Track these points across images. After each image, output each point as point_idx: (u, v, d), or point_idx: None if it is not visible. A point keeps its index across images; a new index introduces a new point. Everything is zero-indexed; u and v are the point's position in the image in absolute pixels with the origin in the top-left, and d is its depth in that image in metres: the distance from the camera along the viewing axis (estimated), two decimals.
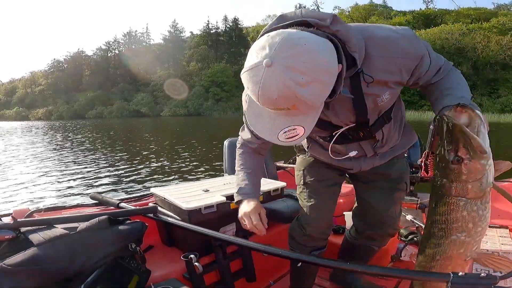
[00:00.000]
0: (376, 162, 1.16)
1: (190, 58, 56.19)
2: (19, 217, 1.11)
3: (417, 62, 0.88)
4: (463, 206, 0.71)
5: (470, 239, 0.74)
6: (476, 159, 0.67)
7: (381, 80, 0.87)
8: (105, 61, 65.91)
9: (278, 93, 0.64)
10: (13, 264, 0.84)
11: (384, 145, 1.10)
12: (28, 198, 4.95)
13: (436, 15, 50.26)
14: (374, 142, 1.08)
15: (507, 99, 31.08)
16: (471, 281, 0.65)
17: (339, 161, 1.15)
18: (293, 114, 0.72)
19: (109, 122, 36.72)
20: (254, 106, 0.77)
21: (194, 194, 1.47)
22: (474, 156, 0.67)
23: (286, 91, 0.64)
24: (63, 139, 14.67)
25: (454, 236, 0.73)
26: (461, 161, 0.68)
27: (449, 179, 0.70)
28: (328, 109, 0.93)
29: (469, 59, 35.51)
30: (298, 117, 0.72)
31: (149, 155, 8.96)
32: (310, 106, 0.69)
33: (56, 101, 64.22)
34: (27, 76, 77.94)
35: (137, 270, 1.12)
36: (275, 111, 0.71)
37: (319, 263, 0.92)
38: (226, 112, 43.94)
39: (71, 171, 6.86)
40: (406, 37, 0.85)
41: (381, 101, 0.93)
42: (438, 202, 0.73)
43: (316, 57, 0.65)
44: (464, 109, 0.69)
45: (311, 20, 0.76)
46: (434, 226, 0.75)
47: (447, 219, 0.72)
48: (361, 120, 0.96)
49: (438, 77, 0.94)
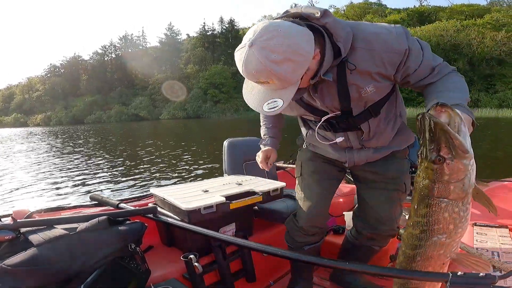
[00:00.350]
0: (369, 156, 1.17)
1: (187, 61, 56.14)
2: (19, 218, 1.12)
3: (401, 57, 0.91)
4: (445, 208, 0.70)
5: (450, 240, 0.73)
6: (458, 158, 0.66)
7: (364, 70, 0.93)
8: (102, 65, 65.77)
9: (255, 68, 0.78)
10: (13, 264, 0.85)
11: (371, 139, 1.12)
12: (28, 198, 4.94)
13: (430, 12, 50.41)
14: (360, 135, 1.11)
15: (504, 94, 31.11)
16: (470, 280, 0.65)
17: (332, 151, 1.20)
18: (273, 89, 0.84)
19: (108, 126, 36.65)
20: (248, 82, 0.90)
21: (194, 195, 1.47)
22: (456, 155, 0.65)
23: (261, 67, 0.77)
24: (63, 143, 14.63)
25: (435, 237, 0.72)
26: (443, 161, 0.66)
27: (431, 180, 0.69)
28: (316, 92, 1.00)
29: (465, 55, 35.56)
30: (278, 91, 0.84)
31: (149, 157, 8.95)
32: (285, 82, 0.81)
33: (54, 107, 64.05)
34: (24, 81, 77.79)
35: (137, 270, 1.12)
36: (260, 85, 0.85)
37: (319, 263, 0.92)
38: (225, 113, 43.89)
39: (71, 172, 6.85)
40: (393, 33, 0.91)
41: (364, 93, 0.97)
42: (420, 204, 0.72)
43: (288, 40, 0.77)
44: (444, 108, 0.68)
45: (303, 13, 0.88)
46: (415, 227, 0.74)
47: (428, 221, 0.71)
48: (344, 108, 1.02)
49: (433, 79, 0.95)
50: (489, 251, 1.17)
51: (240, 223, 1.58)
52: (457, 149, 0.65)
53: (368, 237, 1.34)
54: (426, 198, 0.70)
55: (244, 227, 1.60)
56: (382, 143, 1.15)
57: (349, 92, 0.97)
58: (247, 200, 1.48)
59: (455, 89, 0.90)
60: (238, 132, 14.03)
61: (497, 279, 0.65)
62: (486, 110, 27.21)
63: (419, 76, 0.95)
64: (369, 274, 1.49)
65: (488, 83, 33.77)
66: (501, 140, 10.66)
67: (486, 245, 1.22)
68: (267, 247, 0.99)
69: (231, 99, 46.41)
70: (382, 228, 1.28)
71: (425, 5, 56.01)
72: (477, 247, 1.21)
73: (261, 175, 1.91)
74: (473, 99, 31.14)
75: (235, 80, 47.51)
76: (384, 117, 1.09)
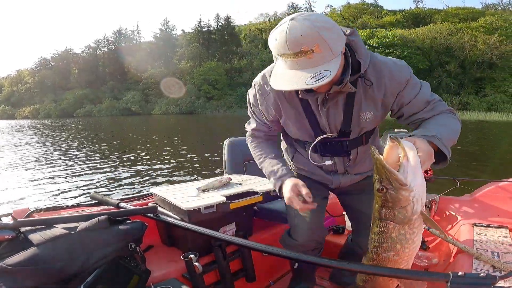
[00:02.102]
0: (353, 179, 1.23)
1: (181, 56, 55.62)
2: (19, 217, 1.10)
3: (401, 87, 0.97)
4: (392, 229, 0.76)
5: (398, 257, 0.79)
6: (398, 190, 0.71)
7: (369, 95, 0.99)
8: (94, 59, 64.65)
9: (302, 32, 0.77)
10: (13, 264, 0.83)
11: (355, 166, 1.19)
12: (28, 197, 4.84)
13: (425, 14, 50.99)
14: (347, 161, 1.16)
15: (493, 97, 31.65)
16: (470, 281, 0.67)
17: (319, 174, 1.22)
18: (316, 63, 0.80)
19: (100, 120, 36.07)
20: (277, 68, 0.88)
21: (194, 194, 1.46)
22: (395, 187, 0.71)
23: (309, 30, 0.78)
24: (60, 139, 14.32)
25: (385, 254, 0.79)
26: (385, 191, 0.72)
27: (380, 205, 0.75)
28: (324, 107, 1.02)
29: (457, 58, 36.07)
30: (321, 65, 0.81)
31: (149, 155, 8.82)
32: (330, 50, 0.80)
33: (43, 100, 62.78)
34: (13, 74, 76.00)
35: (137, 270, 1.11)
36: (299, 60, 0.81)
37: (319, 263, 0.93)
38: (218, 110, 43.67)
39: (70, 171, 6.72)
40: (398, 64, 0.99)
41: (363, 118, 1.03)
42: (373, 223, 0.79)
43: (328, 20, 0.83)
44: (395, 141, 0.73)
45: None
46: (370, 242, 0.81)
47: (379, 238, 0.78)
48: (344, 130, 1.06)
49: (426, 114, 0.98)
50: (489, 251, 1.18)
51: (240, 223, 1.58)
52: (395, 183, 0.71)
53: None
54: (377, 219, 0.77)
55: (244, 227, 1.60)
56: (363, 170, 1.22)
57: (353, 112, 1.02)
58: (247, 200, 1.48)
59: (442, 125, 0.91)
60: (239, 131, 13.97)
61: (498, 279, 0.66)
62: (475, 113, 27.71)
63: (413, 109, 0.99)
64: (368, 274, 1.50)
65: (478, 86, 34.36)
66: (501, 142, 10.86)
67: (486, 245, 1.23)
68: (267, 246, 1.00)
69: (224, 95, 46.19)
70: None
71: (421, 7, 56.63)
72: (477, 247, 1.21)
73: (261, 174, 1.90)
74: (462, 102, 31.69)
75: (229, 77, 47.35)
76: (368, 148, 1.14)
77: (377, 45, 37.43)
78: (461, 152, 8.17)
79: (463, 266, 1.10)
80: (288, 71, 0.84)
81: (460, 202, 1.78)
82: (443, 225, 1.71)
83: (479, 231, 1.39)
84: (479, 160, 7.51)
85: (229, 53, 53.24)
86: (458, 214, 1.69)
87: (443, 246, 1.56)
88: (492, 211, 1.61)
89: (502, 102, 30.39)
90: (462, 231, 1.43)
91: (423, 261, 1.53)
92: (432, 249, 1.65)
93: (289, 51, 0.80)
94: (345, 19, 55.18)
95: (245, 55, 50.35)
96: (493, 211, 1.60)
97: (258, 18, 67.44)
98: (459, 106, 30.86)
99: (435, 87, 34.97)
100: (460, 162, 6.77)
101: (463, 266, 1.10)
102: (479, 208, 1.66)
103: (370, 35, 39.53)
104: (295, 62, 0.81)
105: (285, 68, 0.85)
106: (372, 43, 37.74)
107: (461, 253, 1.21)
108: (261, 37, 54.53)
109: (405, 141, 0.74)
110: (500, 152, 8.54)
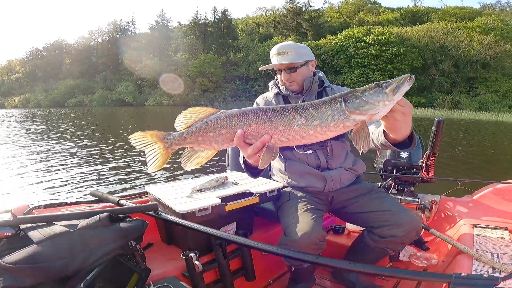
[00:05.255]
0: (341, 173, 1.48)
1: (177, 48, 54.88)
2: (19, 214, 1.07)
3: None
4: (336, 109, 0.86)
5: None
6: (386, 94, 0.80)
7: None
8: (87, 50, 63.33)
9: (288, 44, 1.50)
10: (12, 261, 0.82)
11: (333, 158, 1.49)
12: (28, 193, 4.74)
13: (423, 13, 51.11)
14: (326, 152, 1.48)
15: (485, 97, 31.92)
16: (473, 282, 0.67)
17: (313, 173, 1.48)
18: (288, 59, 1.47)
19: (92, 110, 35.43)
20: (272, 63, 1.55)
21: (189, 195, 1.43)
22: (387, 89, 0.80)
23: (290, 44, 1.50)
24: (59, 133, 13.96)
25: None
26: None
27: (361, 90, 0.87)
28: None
29: (451, 57, 36.28)
30: (290, 60, 1.48)
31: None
32: (297, 56, 1.47)
33: (34, 89, 61.49)
34: (3, 64, 74.19)
35: (137, 268, 1.10)
36: (280, 56, 1.48)
37: (319, 262, 0.92)
38: (212, 103, 43.30)
39: (70, 168, 6.58)
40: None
41: None
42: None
43: (305, 46, 1.55)
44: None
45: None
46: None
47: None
48: None
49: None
50: (489, 252, 1.18)
51: (240, 222, 1.56)
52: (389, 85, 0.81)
53: (391, 241, 1.32)
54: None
55: (244, 226, 1.58)
56: (340, 162, 1.50)
57: None
58: (242, 202, 1.43)
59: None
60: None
61: (500, 280, 0.67)
62: (466, 113, 27.96)
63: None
64: (368, 274, 1.52)
65: (470, 85, 34.66)
66: (501, 142, 10.94)
67: (486, 246, 1.23)
68: (267, 245, 0.99)
69: (219, 88, 45.83)
70: (401, 224, 1.28)
71: (419, 5, 56.68)
72: (477, 249, 1.21)
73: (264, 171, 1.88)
74: (454, 101, 32.00)
75: (225, 70, 46.93)
76: (339, 145, 1.50)
77: (373, 42, 37.45)
78: (461, 152, 8.24)
79: (462, 267, 1.11)
80: (274, 62, 1.51)
81: (461, 203, 1.79)
82: (444, 226, 1.72)
83: (479, 232, 1.39)
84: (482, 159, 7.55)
85: (225, 46, 52.64)
86: (458, 215, 1.70)
87: (443, 246, 1.57)
88: (493, 212, 1.62)
89: (493, 102, 30.68)
90: (462, 232, 1.44)
91: (422, 262, 1.54)
92: (432, 249, 1.66)
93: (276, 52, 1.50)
94: (342, 15, 55.05)
95: (241, 49, 49.94)
96: (494, 212, 1.61)
97: (255, 11, 66.74)
98: (450, 105, 31.16)
99: (428, 86, 35.28)
100: (460, 162, 6.84)
101: (463, 267, 1.10)
102: (479, 209, 1.68)
103: (367, 32, 39.49)
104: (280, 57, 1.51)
105: (275, 60, 1.51)
106: (368, 40, 37.73)
107: (461, 254, 1.21)
108: (258, 31, 54.42)
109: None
110: (501, 152, 8.61)
